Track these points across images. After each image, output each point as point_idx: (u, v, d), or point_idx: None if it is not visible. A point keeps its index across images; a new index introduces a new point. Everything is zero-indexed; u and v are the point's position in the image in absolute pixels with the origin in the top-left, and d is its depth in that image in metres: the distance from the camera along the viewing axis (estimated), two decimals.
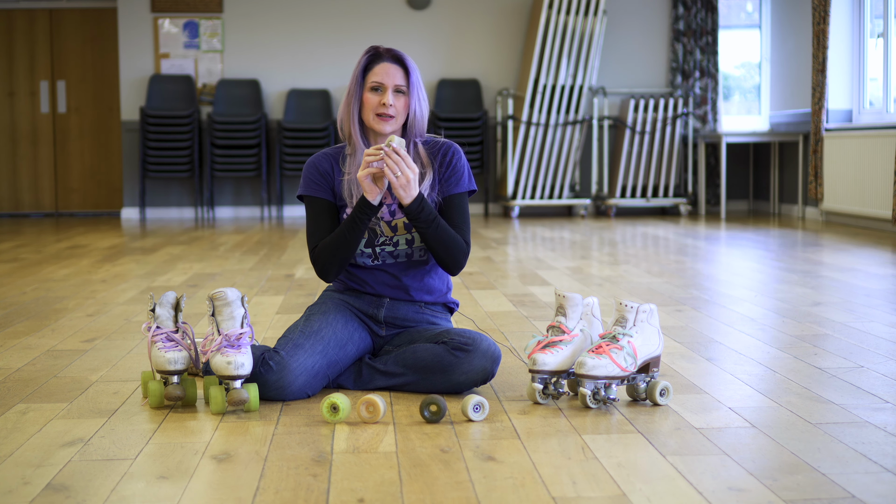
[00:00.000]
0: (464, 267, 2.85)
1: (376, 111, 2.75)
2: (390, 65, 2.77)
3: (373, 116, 2.75)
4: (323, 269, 2.79)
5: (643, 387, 2.62)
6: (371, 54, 2.79)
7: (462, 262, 2.81)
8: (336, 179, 2.83)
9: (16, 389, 2.84)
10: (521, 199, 9.45)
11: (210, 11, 9.80)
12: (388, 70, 2.76)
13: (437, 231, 2.74)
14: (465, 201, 2.84)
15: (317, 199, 2.83)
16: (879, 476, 2.05)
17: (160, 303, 2.71)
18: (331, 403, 2.45)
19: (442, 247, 2.76)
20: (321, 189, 2.82)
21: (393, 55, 2.78)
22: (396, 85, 2.75)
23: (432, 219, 2.72)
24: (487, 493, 1.97)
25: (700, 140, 9.64)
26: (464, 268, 2.90)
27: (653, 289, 4.67)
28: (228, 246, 6.89)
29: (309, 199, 2.84)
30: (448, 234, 2.75)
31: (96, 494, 1.97)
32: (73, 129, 10.31)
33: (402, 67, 2.77)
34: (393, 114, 2.75)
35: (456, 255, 2.78)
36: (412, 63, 2.79)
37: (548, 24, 9.34)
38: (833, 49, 8.35)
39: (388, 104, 2.73)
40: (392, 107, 2.74)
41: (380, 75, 2.75)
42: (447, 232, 2.75)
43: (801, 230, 7.79)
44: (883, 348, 3.29)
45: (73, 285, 4.94)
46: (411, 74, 2.77)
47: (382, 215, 2.80)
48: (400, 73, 2.77)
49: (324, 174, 2.83)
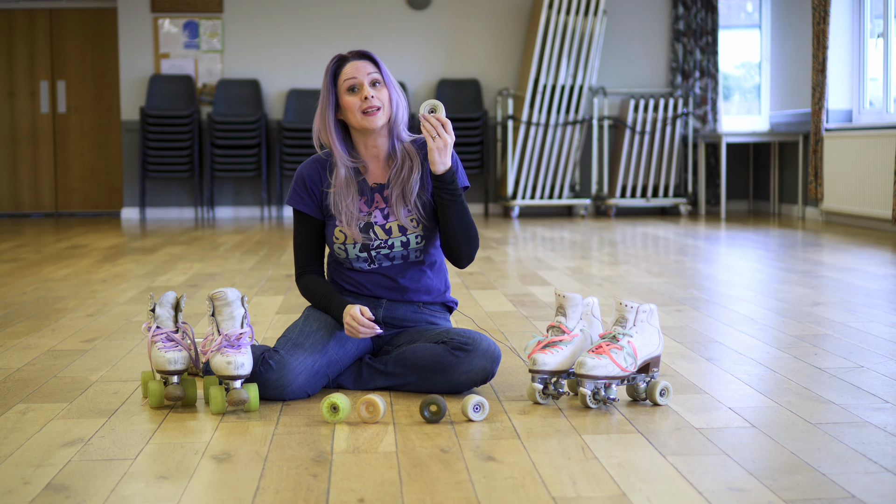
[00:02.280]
0: (473, 259, 2.83)
1: (361, 109, 2.72)
2: (358, 61, 2.75)
3: (360, 116, 2.73)
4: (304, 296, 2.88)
5: (643, 387, 2.62)
6: (337, 60, 2.78)
7: (473, 251, 2.79)
8: (324, 192, 2.82)
9: (16, 389, 2.84)
10: (521, 199, 9.45)
11: (210, 11, 9.80)
12: (357, 66, 2.74)
13: (461, 208, 2.73)
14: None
15: (303, 215, 2.83)
16: (879, 476, 2.05)
17: (160, 303, 2.71)
18: (331, 403, 2.45)
19: (462, 225, 2.74)
20: (307, 205, 2.81)
21: (358, 53, 2.77)
22: (370, 75, 2.73)
23: (460, 193, 2.72)
24: (487, 493, 1.97)
25: (700, 140, 9.64)
26: (473, 260, 2.88)
27: (653, 289, 4.67)
28: (228, 246, 6.89)
29: (296, 212, 2.85)
30: (469, 216, 2.75)
31: (96, 494, 1.97)
32: (73, 129, 10.31)
33: (370, 60, 2.76)
34: (378, 104, 2.72)
35: (471, 242, 2.77)
36: (379, 58, 2.79)
37: (548, 24, 9.34)
38: (833, 49, 8.36)
39: (369, 96, 2.72)
40: (374, 97, 2.72)
41: (351, 73, 2.73)
42: (468, 213, 2.75)
43: (801, 230, 7.79)
44: (883, 348, 3.29)
45: (73, 285, 4.95)
46: (381, 65, 2.76)
47: (376, 219, 2.80)
48: (370, 65, 2.75)
49: (311, 189, 2.81)
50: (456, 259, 2.81)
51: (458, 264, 2.83)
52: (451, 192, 2.71)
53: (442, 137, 2.64)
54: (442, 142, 2.64)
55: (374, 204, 2.80)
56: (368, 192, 2.81)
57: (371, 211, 2.79)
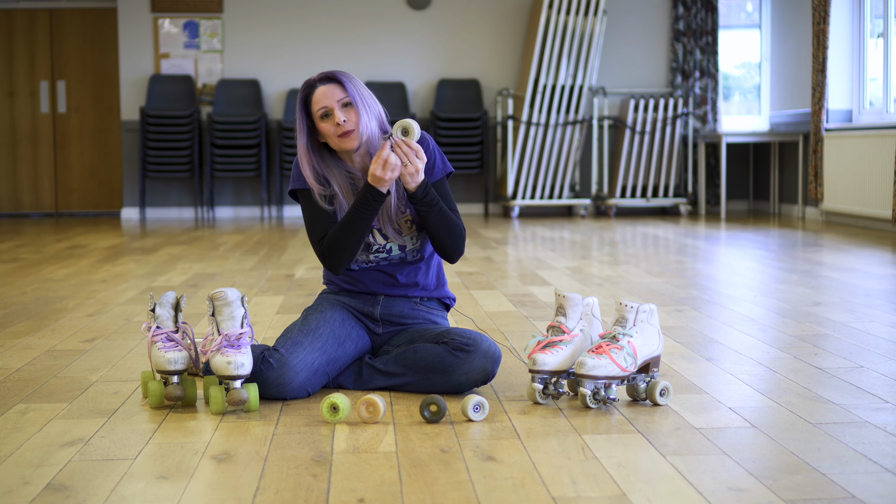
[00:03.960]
0: (463, 252, 2.85)
1: (336, 134, 2.74)
2: (325, 86, 2.76)
3: (337, 140, 2.75)
4: (334, 262, 2.77)
5: (643, 387, 2.62)
6: (305, 87, 2.78)
7: (461, 247, 2.81)
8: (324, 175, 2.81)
9: (16, 389, 2.84)
10: (521, 199, 9.45)
11: (210, 11, 9.80)
12: (325, 92, 2.75)
13: (440, 214, 2.75)
14: (445, 185, 2.84)
15: (309, 193, 2.82)
16: (879, 476, 2.05)
17: (160, 303, 2.71)
18: (331, 403, 2.45)
19: (444, 230, 2.76)
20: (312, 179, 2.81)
21: (324, 76, 2.78)
22: (340, 100, 2.74)
23: (436, 202, 2.73)
24: (487, 493, 1.97)
25: (700, 140, 9.64)
26: (463, 253, 2.90)
27: (653, 289, 4.67)
28: (228, 246, 6.89)
29: (303, 193, 2.83)
30: (449, 218, 2.77)
31: (96, 494, 1.97)
32: (73, 129, 10.31)
33: (336, 83, 2.77)
34: (351, 127, 2.74)
35: (456, 240, 2.79)
36: (345, 74, 2.78)
37: (548, 24, 9.34)
38: (833, 49, 8.35)
39: (341, 121, 2.73)
40: (346, 122, 2.74)
41: (321, 101, 2.75)
42: (448, 215, 2.77)
43: (801, 230, 7.79)
44: (883, 348, 3.29)
45: (73, 285, 4.94)
46: (346, 85, 2.75)
47: (374, 224, 2.80)
48: (337, 88, 2.75)
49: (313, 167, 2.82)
50: (446, 256, 2.83)
51: (450, 260, 2.85)
52: (427, 204, 2.73)
53: (413, 164, 2.66)
54: (413, 167, 2.66)
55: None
56: None
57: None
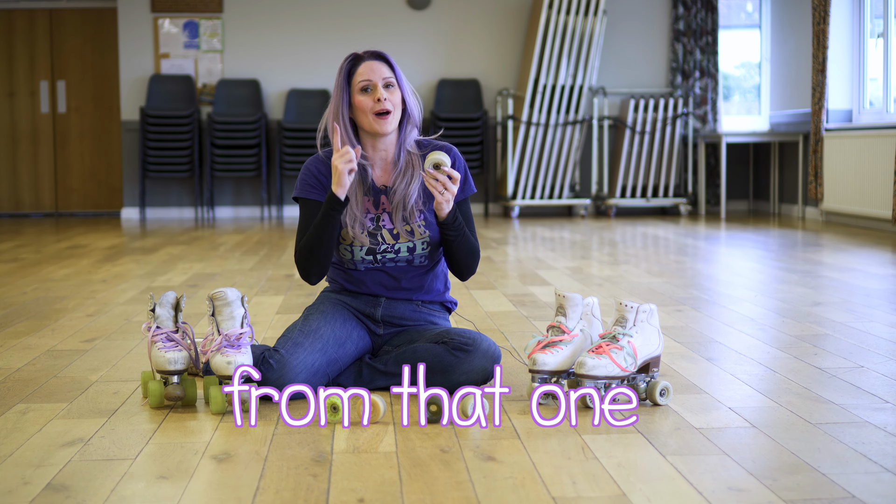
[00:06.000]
0: (475, 273, 2.87)
1: (373, 110, 2.74)
2: (373, 62, 2.77)
3: (372, 118, 2.74)
4: (303, 270, 2.78)
5: (643, 387, 2.62)
6: (351, 59, 2.79)
7: (476, 268, 2.87)
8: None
9: (16, 389, 2.84)
10: (521, 199, 9.45)
11: (210, 11, 9.80)
12: (372, 67, 2.76)
13: (464, 239, 2.79)
14: (468, 205, 2.86)
15: (310, 202, 2.82)
16: (879, 476, 2.05)
17: (160, 303, 2.71)
18: (331, 403, 2.45)
19: (463, 253, 2.80)
20: (316, 192, 2.82)
21: (373, 53, 2.79)
22: (385, 78, 2.75)
23: (462, 227, 2.77)
24: (487, 493, 1.97)
25: (700, 140, 9.64)
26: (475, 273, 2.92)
27: (653, 289, 4.67)
28: (228, 246, 6.89)
29: (303, 201, 2.83)
30: (470, 242, 2.81)
31: (96, 494, 1.97)
32: (73, 129, 10.31)
33: (384, 62, 2.78)
34: (390, 108, 2.74)
35: (472, 263, 2.84)
36: (393, 60, 2.80)
37: (548, 24, 9.34)
38: (833, 49, 8.35)
39: (382, 98, 2.73)
40: (387, 100, 2.74)
41: (366, 74, 2.75)
42: (469, 239, 2.80)
43: (801, 230, 7.79)
44: (883, 348, 3.29)
45: (73, 285, 4.94)
46: (395, 67, 2.78)
47: (384, 223, 2.81)
48: (384, 66, 2.77)
49: (320, 177, 2.82)
50: (459, 274, 2.87)
51: (461, 278, 2.89)
52: (456, 229, 2.76)
53: (450, 191, 2.67)
54: (450, 194, 2.67)
55: (382, 206, 2.81)
56: (374, 192, 2.82)
57: (379, 214, 2.80)
